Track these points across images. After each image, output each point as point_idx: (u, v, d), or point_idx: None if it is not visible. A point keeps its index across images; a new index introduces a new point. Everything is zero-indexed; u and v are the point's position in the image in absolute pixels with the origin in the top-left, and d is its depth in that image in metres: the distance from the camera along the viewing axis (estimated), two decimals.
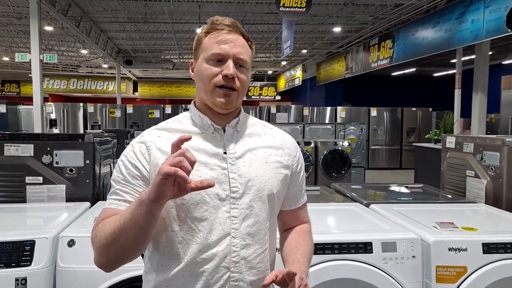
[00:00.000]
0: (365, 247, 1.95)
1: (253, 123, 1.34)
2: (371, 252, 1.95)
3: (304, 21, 10.02)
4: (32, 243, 1.88)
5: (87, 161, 2.69)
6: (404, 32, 9.56)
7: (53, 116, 11.59)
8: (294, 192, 1.38)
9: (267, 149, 1.30)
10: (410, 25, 9.33)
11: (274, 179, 1.27)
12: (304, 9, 6.56)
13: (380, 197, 3.02)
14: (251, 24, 10.49)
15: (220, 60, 1.21)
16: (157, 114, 11.92)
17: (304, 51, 14.30)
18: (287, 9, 6.52)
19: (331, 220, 2.38)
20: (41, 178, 2.63)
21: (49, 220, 2.17)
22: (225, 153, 1.23)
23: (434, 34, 8.37)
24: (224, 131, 1.26)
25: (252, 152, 1.27)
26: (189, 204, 1.18)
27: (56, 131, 11.37)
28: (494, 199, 2.84)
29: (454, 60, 10.89)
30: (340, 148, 7.61)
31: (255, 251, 1.23)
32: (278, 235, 1.39)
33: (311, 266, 1.92)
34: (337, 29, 11.03)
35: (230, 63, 1.20)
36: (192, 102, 1.34)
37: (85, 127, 11.62)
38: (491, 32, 6.75)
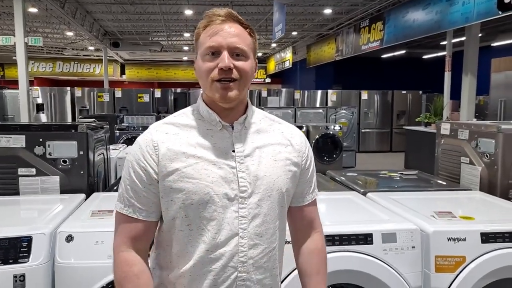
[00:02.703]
0: (366, 239, 1.95)
1: (261, 118, 1.31)
2: (372, 243, 1.95)
3: (294, 3, 9.89)
4: (29, 239, 1.84)
5: (81, 152, 2.63)
6: (395, 14, 9.50)
7: (39, 100, 11.37)
8: (302, 189, 1.36)
9: (276, 146, 1.27)
10: (401, 7, 9.27)
11: (283, 178, 1.25)
12: None
13: (376, 185, 3.03)
14: (241, 5, 10.34)
15: (214, 53, 1.17)
16: (146, 98, 11.75)
17: (294, 33, 14.18)
18: None
19: (329, 210, 2.37)
20: (34, 169, 2.58)
21: (45, 214, 2.13)
22: (233, 151, 1.21)
23: (425, 17, 8.33)
24: (232, 128, 1.23)
25: (261, 150, 1.24)
26: (198, 204, 1.17)
27: (43, 115, 11.20)
28: (488, 186, 2.87)
29: (444, 42, 10.89)
30: (331, 132, 7.62)
31: (263, 251, 1.22)
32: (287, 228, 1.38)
33: None
34: (327, 11, 10.93)
35: (224, 54, 1.16)
36: (200, 95, 1.29)
37: (73, 112, 11.44)
38: (482, 14, 6.72)
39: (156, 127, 1.24)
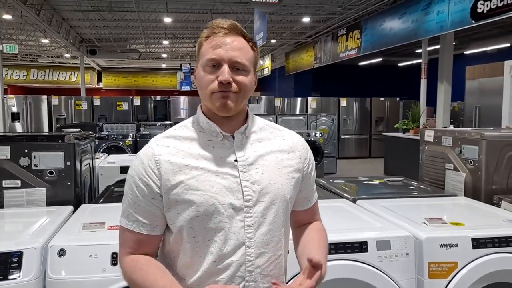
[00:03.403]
0: (361, 246, 1.97)
1: (262, 127, 1.32)
2: (367, 251, 1.97)
3: (274, 11, 9.97)
4: (19, 254, 1.79)
5: (68, 163, 2.58)
6: (372, 23, 9.69)
7: (14, 109, 11.08)
8: (306, 193, 1.38)
9: (278, 154, 1.28)
10: (377, 16, 9.45)
11: (287, 185, 1.26)
12: (277, 0, 6.52)
13: (365, 192, 3.06)
14: (220, 13, 10.35)
15: (215, 65, 1.18)
16: (125, 106, 11.56)
17: (273, 41, 14.27)
18: (259, 0, 6.47)
19: (322, 218, 2.37)
20: (19, 181, 2.51)
21: (34, 227, 2.07)
22: (235, 160, 1.21)
23: (401, 25, 8.51)
24: (233, 137, 1.24)
25: (264, 158, 1.25)
26: (204, 216, 1.17)
27: (18, 125, 10.92)
28: (473, 192, 2.93)
29: (419, 50, 11.13)
30: (312, 139, 7.69)
31: (269, 259, 1.23)
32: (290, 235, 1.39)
33: None
34: (306, 19, 11.04)
35: (224, 68, 1.16)
36: (199, 106, 1.30)
37: (50, 121, 11.18)
38: (456, 23, 6.92)
39: (157, 141, 1.24)
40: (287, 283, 1.78)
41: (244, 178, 1.20)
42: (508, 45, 12.33)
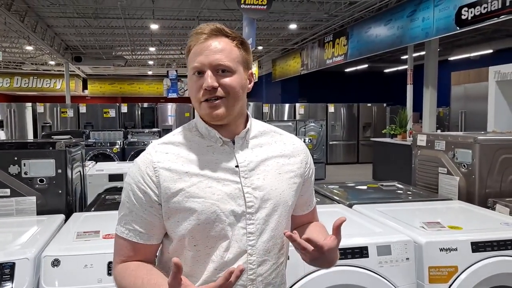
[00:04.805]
0: (361, 252, 1.95)
1: (263, 131, 1.29)
2: (367, 257, 1.95)
3: (262, 18, 10.00)
4: (12, 265, 1.72)
5: (59, 170, 2.52)
6: (358, 29, 9.78)
7: None
8: (307, 197, 1.36)
9: (279, 159, 1.25)
10: (363, 23, 9.55)
11: (288, 191, 1.24)
12: (265, 7, 6.54)
13: (360, 197, 3.04)
14: (207, 20, 10.33)
15: (200, 73, 1.15)
16: (112, 113, 11.43)
17: (260, 47, 14.30)
18: (248, 6, 6.47)
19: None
20: (8, 190, 2.44)
21: (25, 237, 2.01)
22: (236, 166, 1.18)
23: (387, 32, 8.61)
24: (234, 142, 1.21)
25: (265, 163, 1.22)
26: (205, 224, 1.14)
27: (2, 133, 10.71)
28: (467, 195, 2.94)
29: (404, 57, 11.28)
30: None
31: (271, 267, 1.20)
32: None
33: (309, 274, 1.90)
34: (292, 26, 11.10)
35: (207, 74, 1.14)
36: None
37: (35, 129, 11.00)
38: (441, 30, 7.03)
39: (155, 147, 1.21)
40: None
41: (246, 184, 1.17)
42: (490, 51, 12.56)
